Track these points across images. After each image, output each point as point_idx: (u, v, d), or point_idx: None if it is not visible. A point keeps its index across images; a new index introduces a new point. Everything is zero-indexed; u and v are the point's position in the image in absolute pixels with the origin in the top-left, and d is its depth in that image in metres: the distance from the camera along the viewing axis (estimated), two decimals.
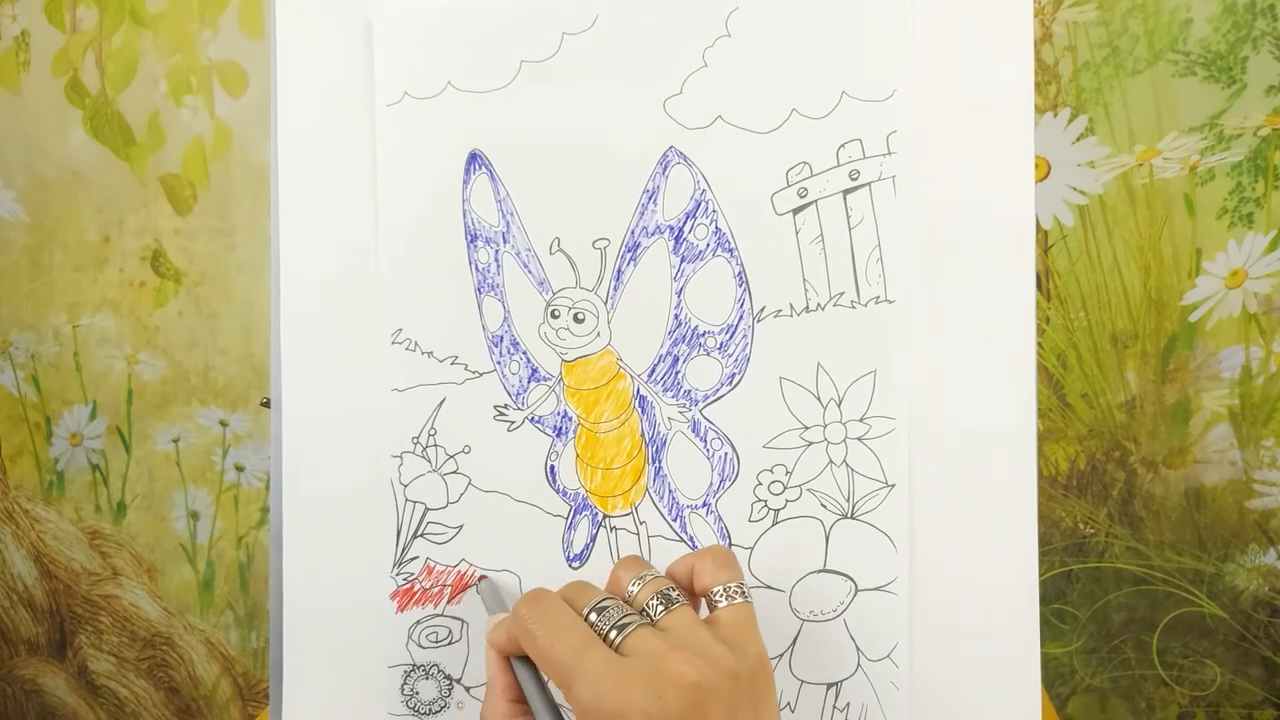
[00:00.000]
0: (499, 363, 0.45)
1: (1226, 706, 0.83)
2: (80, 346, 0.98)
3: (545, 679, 0.38)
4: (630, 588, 0.38)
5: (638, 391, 0.44)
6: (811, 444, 0.43)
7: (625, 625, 0.35)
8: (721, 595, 0.38)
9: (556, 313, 0.44)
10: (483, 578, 0.45)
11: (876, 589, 0.43)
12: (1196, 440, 0.80)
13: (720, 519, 0.44)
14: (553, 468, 0.45)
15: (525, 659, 0.38)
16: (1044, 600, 0.82)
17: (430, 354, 0.45)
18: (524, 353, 0.45)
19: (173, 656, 1.03)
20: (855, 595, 0.44)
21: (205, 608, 1.01)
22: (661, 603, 0.37)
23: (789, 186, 0.43)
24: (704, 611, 0.39)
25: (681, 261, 0.44)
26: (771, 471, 0.44)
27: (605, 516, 0.45)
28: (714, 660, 0.34)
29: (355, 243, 0.45)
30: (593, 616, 0.36)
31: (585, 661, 0.34)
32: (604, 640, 0.35)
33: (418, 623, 0.46)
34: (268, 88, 0.46)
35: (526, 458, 0.45)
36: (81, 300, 0.97)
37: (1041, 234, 0.79)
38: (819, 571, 0.44)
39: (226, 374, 0.96)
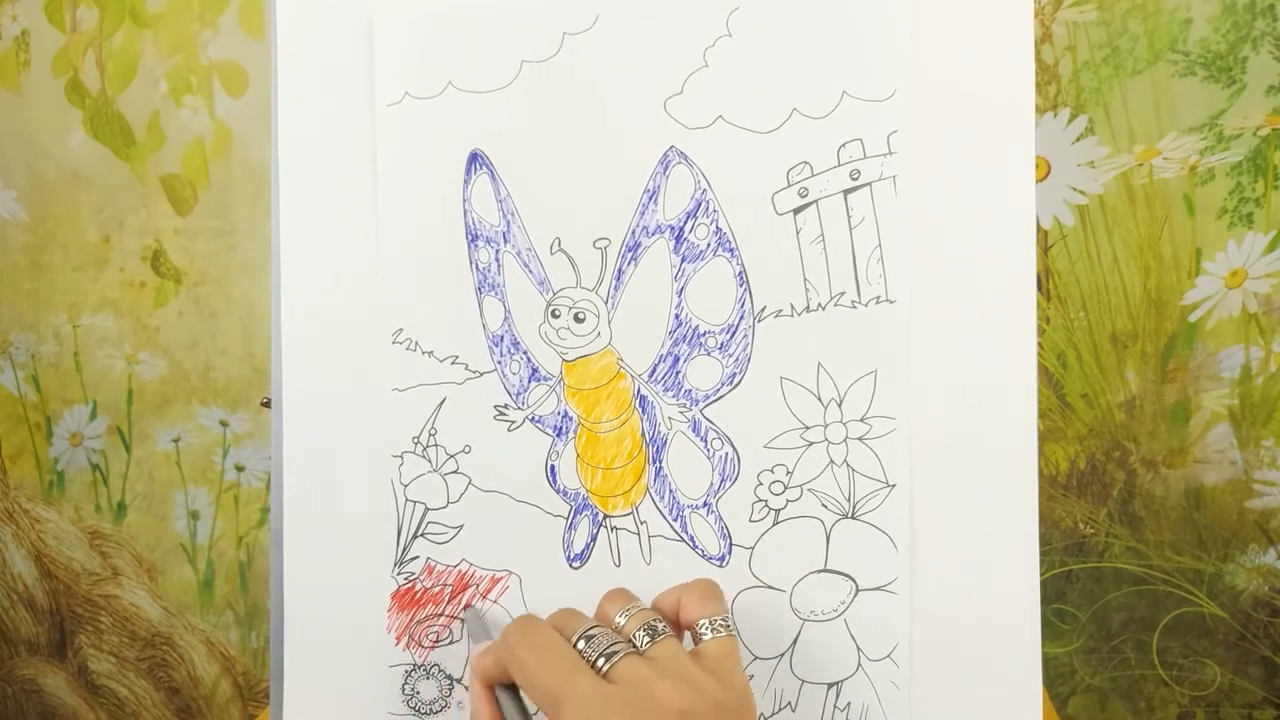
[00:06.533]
0: (499, 362, 0.45)
1: (1226, 706, 0.83)
2: (80, 346, 0.98)
3: (529, 710, 0.38)
4: (617, 619, 0.38)
5: (638, 391, 0.44)
6: (812, 444, 0.43)
7: (613, 653, 0.36)
8: (707, 628, 0.38)
9: (557, 312, 0.44)
10: (467, 606, 0.45)
11: (877, 589, 0.43)
12: (1196, 440, 0.80)
13: (721, 519, 0.44)
14: (553, 467, 0.45)
15: (510, 688, 0.38)
16: (1044, 600, 0.82)
17: (430, 354, 0.45)
18: (524, 352, 0.45)
19: (173, 656, 1.03)
20: (856, 595, 0.44)
21: (205, 608, 1.01)
22: (648, 634, 0.37)
23: (790, 186, 0.43)
24: (689, 644, 0.39)
25: (682, 261, 0.44)
26: (772, 471, 0.44)
27: (605, 516, 0.45)
28: (700, 690, 0.34)
29: (355, 242, 0.45)
30: (580, 644, 0.36)
31: (573, 687, 0.34)
32: (591, 667, 0.35)
33: (418, 622, 0.46)
34: (268, 88, 0.46)
35: (527, 457, 0.45)
36: (82, 300, 0.97)
37: (1041, 234, 0.79)
38: (819, 571, 0.44)
39: (227, 374, 0.96)
